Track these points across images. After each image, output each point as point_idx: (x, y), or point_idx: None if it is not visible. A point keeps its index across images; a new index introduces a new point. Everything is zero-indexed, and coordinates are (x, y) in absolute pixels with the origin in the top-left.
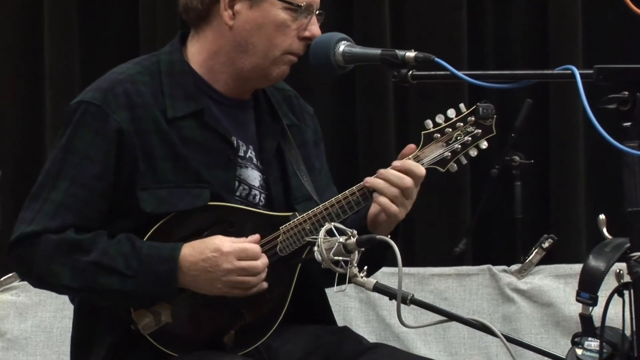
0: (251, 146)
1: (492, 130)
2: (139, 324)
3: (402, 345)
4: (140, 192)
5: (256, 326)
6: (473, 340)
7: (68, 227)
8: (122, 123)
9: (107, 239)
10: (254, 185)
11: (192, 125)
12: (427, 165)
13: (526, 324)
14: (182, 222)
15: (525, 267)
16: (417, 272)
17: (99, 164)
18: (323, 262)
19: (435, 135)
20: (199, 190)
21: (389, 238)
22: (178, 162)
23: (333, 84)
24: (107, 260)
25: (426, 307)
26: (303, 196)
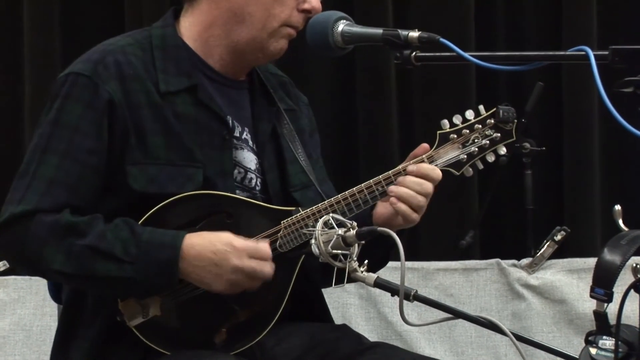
0: (246, 128)
1: (512, 135)
2: (125, 315)
3: (404, 345)
4: (130, 167)
5: (250, 325)
6: (480, 339)
7: (62, 207)
8: (114, 94)
9: (104, 222)
10: (250, 169)
11: (186, 101)
12: (440, 166)
13: (537, 321)
14: (177, 210)
15: (536, 262)
16: (421, 266)
17: (91, 138)
18: (321, 256)
19: (452, 136)
20: (191, 171)
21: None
22: (170, 138)
23: (331, 74)
24: (105, 245)
25: (431, 303)
26: (301, 184)
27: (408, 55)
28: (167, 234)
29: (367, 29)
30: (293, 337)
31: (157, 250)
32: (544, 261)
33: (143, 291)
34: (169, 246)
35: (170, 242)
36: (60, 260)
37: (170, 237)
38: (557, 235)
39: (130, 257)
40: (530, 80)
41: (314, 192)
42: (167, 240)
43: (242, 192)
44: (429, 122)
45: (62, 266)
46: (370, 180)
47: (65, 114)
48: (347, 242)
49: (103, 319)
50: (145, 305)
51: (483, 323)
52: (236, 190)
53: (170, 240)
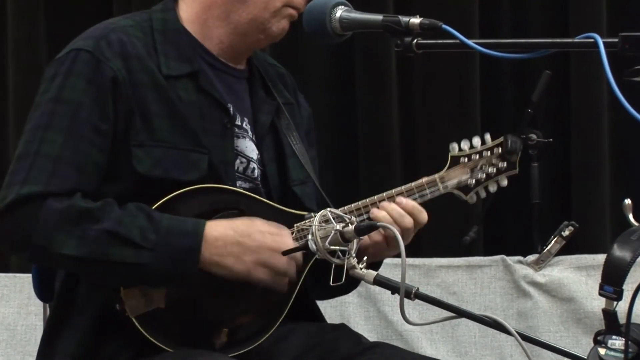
0: (246, 118)
1: (515, 167)
2: (126, 303)
3: (405, 345)
4: (135, 149)
5: (252, 327)
6: (485, 339)
7: (72, 191)
8: (118, 72)
9: (118, 207)
10: (252, 158)
11: (187, 87)
12: (450, 189)
13: (544, 320)
14: (190, 202)
15: (543, 258)
16: (423, 263)
17: (96, 116)
18: (318, 252)
19: (462, 160)
20: (196, 156)
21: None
22: (176, 121)
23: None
24: (123, 230)
25: (432, 302)
26: (299, 179)
27: (409, 42)
28: (187, 221)
29: (366, 15)
30: (290, 337)
31: (178, 238)
32: (551, 258)
33: (158, 280)
34: (191, 233)
35: (191, 229)
36: (72, 244)
37: (192, 225)
38: (565, 231)
39: (150, 243)
40: (537, 69)
41: (312, 188)
42: (189, 228)
43: (245, 182)
44: (431, 115)
45: (75, 251)
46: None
47: (68, 90)
48: (345, 237)
49: (97, 307)
50: (149, 296)
51: (487, 322)
52: (238, 182)
53: (192, 228)
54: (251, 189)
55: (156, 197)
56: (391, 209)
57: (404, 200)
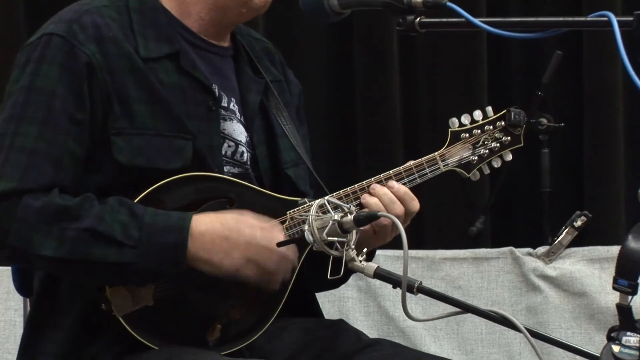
0: (233, 98)
1: (520, 141)
2: (113, 303)
3: (408, 342)
4: (114, 137)
5: (245, 323)
6: (492, 336)
7: (49, 186)
8: (92, 57)
9: (98, 203)
10: (240, 141)
11: (168, 69)
12: (451, 166)
13: (555, 316)
14: (174, 192)
15: (553, 250)
16: (426, 255)
17: (72, 105)
18: (315, 244)
19: (463, 135)
20: (180, 143)
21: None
22: (157, 106)
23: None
24: (103, 228)
25: (436, 296)
26: (292, 160)
27: (411, 21)
28: (172, 215)
29: None
30: (285, 334)
31: (162, 234)
32: (562, 249)
33: (143, 278)
34: (176, 229)
35: (176, 224)
36: (52, 245)
37: (177, 219)
38: (577, 221)
39: (132, 240)
40: (548, 49)
41: (305, 170)
42: (173, 223)
43: (234, 167)
44: (435, 99)
45: (54, 252)
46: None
47: (41, 78)
48: (344, 228)
49: (82, 306)
50: (136, 294)
51: (495, 318)
52: (226, 167)
53: (177, 222)
54: (241, 174)
55: (139, 188)
56: (382, 194)
57: (395, 184)
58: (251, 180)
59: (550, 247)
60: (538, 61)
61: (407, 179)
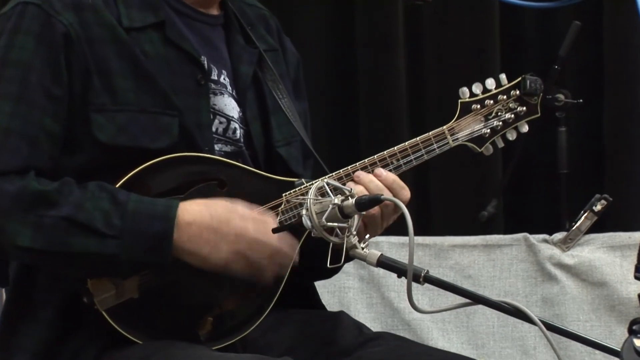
0: (224, 71)
1: (536, 111)
2: (95, 296)
3: (413, 336)
4: (94, 114)
5: (239, 315)
6: (505, 329)
7: (24, 168)
8: (70, 27)
9: (78, 189)
10: (232, 117)
11: (153, 39)
12: (462, 141)
13: (572, 308)
14: (160, 175)
15: (571, 236)
16: (434, 242)
17: (48, 79)
18: (313, 230)
19: (474, 107)
20: (166, 120)
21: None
22: (141, 80)
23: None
24: (83, 216)
25: (445, 286)
26: (285, 138)
27: None
28: (157, 203)
29: None
30: (281, 327)
31: (146, 223)
32: (580, 236)
33: (127, 270)
34: (161, 217)
35: (162, 212)
36: (27, 235)
37: (162, 207)
38: (597, 205)
39: (114, 230)
40: (565, 20)
41: (298, 148)
42: (159, 211)
43: (226, 145)
44: (443, 72)
45: (30, 242)
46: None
47: (15, 50)
48: (344, 212)
49: (62, 298)
50: (120, 285)
51: (507, 310)
52: (218, 145)
53: (162, 211)
54: (234, 152)
55: (122, 169)
56: (368, 182)
57: (383, 172)
58: (245, 159)
59: (568, 234)
60: (554, 33)
61: (413, 156)
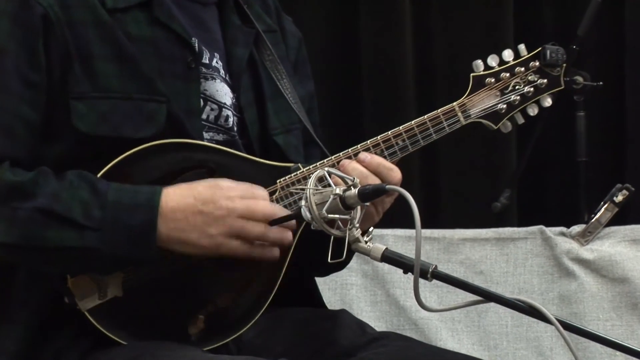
0: (216, 54)
1: (559, 83)
2: (77, 296)
3: (421, 336)
4: (75, 102)
5: (232, 313)
6: (519, 329)
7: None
8: (49, 8)
9: (55, 179)
10: (225, 104)
11: (139, 20)
12: (475, 117)
13: (592, 306)
14: (144, 164)
15: (590, 229)
16: (443, 235)
17: (25, 64)
18: (313, 222)
19: (488, 80)
20: (153, 106)
21: None
22: (125, 65)
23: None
24: (60, 208)
25: (454, 283)
26: (283, 125)
27: None
28: (139, 191)
29: None
30: (278, 327)
31: (128, 213)
32: (600, 229)
33: (109, 265)
34: (144, 206)
35: (145, 201)
36: (0, 229)
37: (145, 195)
38: (618, 196)
39: (94, 222)
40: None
41: (298, 137)
42: (141, 199)
43: (217, 134)
44: (452, 48)
45: (4, 236)
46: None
47: None
48: (346, 203)
49: (41, 298)
50: (103, 284)
51: (522, 308)
52: (209, 133)
53: (145, 199)
54: (226, 141)
55: (104, 160)
56: (351, 170)
57: (367, 156)
58: (238, 148)
59: (587, 226)
60: (573, 10)
61: (421, 135)
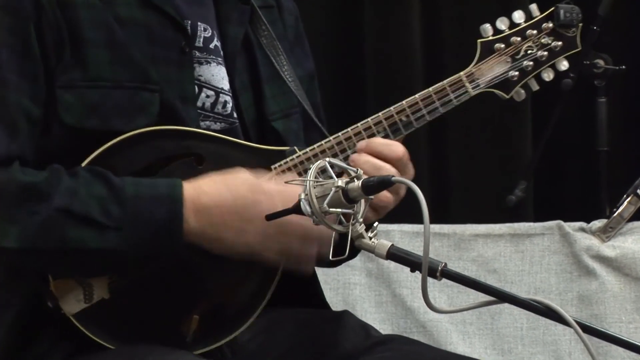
0: (215, 32)
1: (576, 45)
2: (60, 300)
3: (429, 339)
4: (62, 92)
5: (228, 312)
6: (535, 332)
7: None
8: None
9: (68, 176)
10: (223, 89)
11: (129, 2)
12: (484, 87)
13: (613, 307)
14: (125, 156)
15: (612, 225)
16: (453, 231)
17: (18, 54)
18: (313, 216)
19: (497, 46)
20: (145, 96)
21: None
22: (116, 51)
23: None
24: (78, 206)
25: (466, 282)
26: (282, 110)
27: None
28: (157, 183)
29: None
30: (276, 329)
31: (150, 207)
32: (623, 224)
33: (130, 266)
34: (167, 199)
35: (167, 193)
36: (13, 233)
37: (165, 187)
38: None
39: (114, 220)
40: None
41: (298, 121)
42: (163, 192)
43: (216, 122)
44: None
45: (14, 241)
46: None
47: None
48: (349, 197)
49: (24, 298)
50: (88, 286)
51: (538, 309)
52: (205, 122)
53: (167, 191)
54: (225, 130)
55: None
56: (362, 163)
57: (363, 143)
58: (238, 136)
59: (608, 221)
60: None
61: (426, 110)
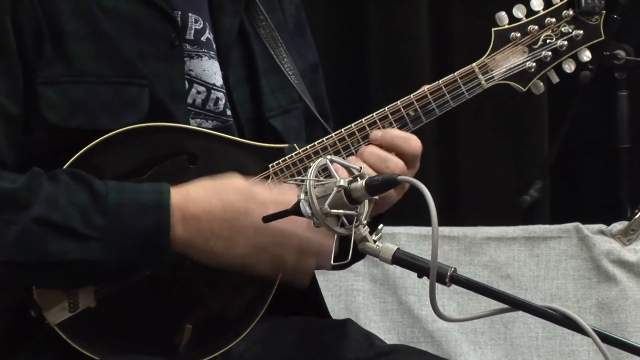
0: (207, 23)
1: (599, 33)
2: (44, 309)
3: (438, 350)
4: (43, 88)
5: (224, 322)
6: (551, 342)
7: None
8: None
9: (48, 181)
10: (214, 85)
11: None
12: (498, 79)
13: (635, 315)
14: (113, 153)
15: (634, 227)
16: (464, 234)
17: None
18: (314, 218)
19: (513, 35)
20: (134, 91)
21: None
22: (102, 44)
23: None
24: (58, 216)
25: (477, 289)
26: (281, 106)
27: None
28: (143, 189)
29: None
30: (273, 338)
31: (134, 216)
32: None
33: (114, 278)
34: (153, 207)
35: (153, 200)
36: None
37: (151, 194)
38: None
39: (96, 230)
40: None
41: (298, 117)
42: (148, 199)
43: (207, 120)
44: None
45: None
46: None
47: None
48: (352, 197)
49: (7, 307)
50: (74, 294)
51: (554, 317)
52: (195, 120)
53: (153, 198)
54: (217, 128)
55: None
56: (368, 154)
57: (378, 133)
58: (232, 135)
59: (630, 223)
60: None
61: (435, 103)
